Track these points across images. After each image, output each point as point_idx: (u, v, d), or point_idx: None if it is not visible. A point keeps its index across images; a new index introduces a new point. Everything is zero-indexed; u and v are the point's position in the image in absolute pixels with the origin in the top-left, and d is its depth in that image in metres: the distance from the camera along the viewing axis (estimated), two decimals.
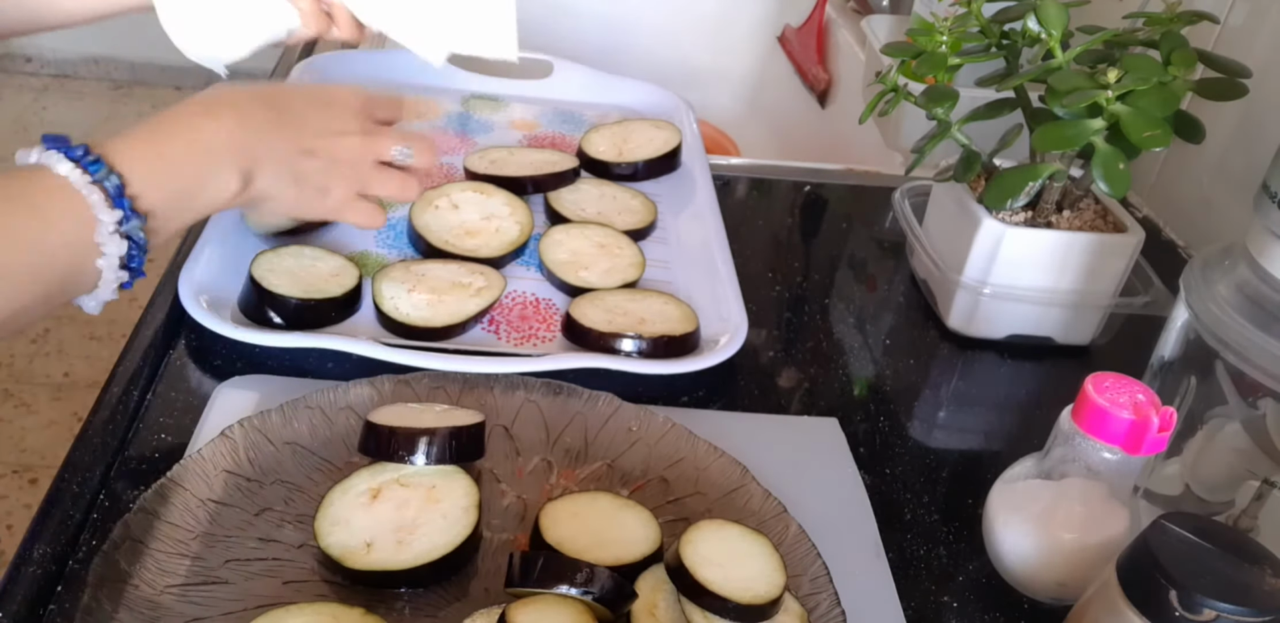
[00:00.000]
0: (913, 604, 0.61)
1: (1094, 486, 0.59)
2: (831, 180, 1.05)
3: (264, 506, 0.60)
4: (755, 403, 0.75)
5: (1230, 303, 0.59)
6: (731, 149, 1.44)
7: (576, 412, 0.69)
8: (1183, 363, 0.63)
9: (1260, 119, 0.91)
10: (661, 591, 0.55)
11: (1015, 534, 0.61)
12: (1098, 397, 0.55)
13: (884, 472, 0.70)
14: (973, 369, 0.82)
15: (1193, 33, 0.75)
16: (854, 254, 0.96)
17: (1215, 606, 0.47)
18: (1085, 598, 0.54)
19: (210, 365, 0.72)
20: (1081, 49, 0.74)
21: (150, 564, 0.56)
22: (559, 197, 0.89)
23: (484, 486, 0.63)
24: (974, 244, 0.79)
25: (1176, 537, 0.50)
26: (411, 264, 0.79)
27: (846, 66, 1.37)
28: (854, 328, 0.85)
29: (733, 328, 0.77)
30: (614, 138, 0.98)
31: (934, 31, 0.78)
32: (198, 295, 0.73)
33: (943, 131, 0.79)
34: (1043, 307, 0.81)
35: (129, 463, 0.64)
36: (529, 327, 0.77)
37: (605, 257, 0.83)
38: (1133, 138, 0.68)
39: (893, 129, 1.11)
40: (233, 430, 0.63)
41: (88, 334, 2.19)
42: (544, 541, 0.56)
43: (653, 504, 0.62)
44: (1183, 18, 0.74)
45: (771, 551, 0.56)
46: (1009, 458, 0.64)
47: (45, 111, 2.99)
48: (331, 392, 0.67)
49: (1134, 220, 0.81)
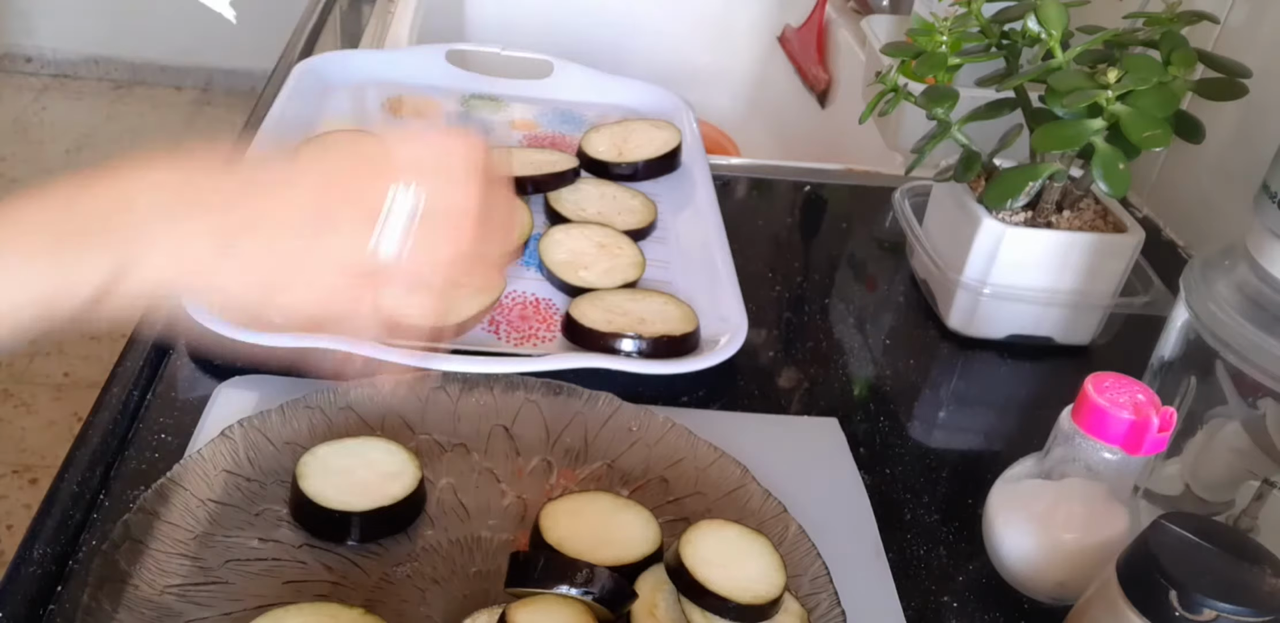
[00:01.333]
0: (913, 604, 0.61)
1: (1094, 486, 0.59)
2: (831, 180, 1.05)
3: (264, 506, 0.60)
4: (755, 403, 0.75)
5: (1230, 303, 0.59)
6: (731, 149, 1.44)
7: (576, 412, 0.69)
8: (1183, 363, 0.63)
9: (1260, 119, 0.91)
10: (661, 591, 0.55)
11: (1015, 534, 0.61)
12: (1098, 397, 0.55)
13: (884, 472, 0.70)
14: (973, 369, 0.82)
15: (1193, 33, 0.75)
16: (854, 254, 0.96)
17: (1215, 606, 0.47)
18: (1085, 598, 0.54)
19: (210, 365, 0.72)
20: (1081, 49, 0.74)
21: (150, 564, 0.55)
22: (559, 197, 0.89)
23: (484, 486, 0.64)
24: (974, 244, 0.79)
25: (1176, 537, 0.50)
26: None
27: (846, 66, 1.37)
28: (854, 328, 0.85)
29: (733, 328, 0.77)
30: (614, 138, 0.98)
31: (934, 31, 0.78)
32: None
33: (943, 131, 0.79)
34: (1043, 307, 0.81)
35: (129, 463, 0.64)
36: (529, 327, 0.77)
37: (605, 257, 0.83)
38: (1133, 138, 0.68)
39: (893, 129, 1.11)
40: (233, 430, 0.63)
41: (88, 334, 2.19)
42: (544, 541, 0.56)
43: (653, 504, 0.62)
44: (1183, 18, 0.74)
45: (771, 551, 0.56)
46: (1009, 458, 0.64)
47: (45, 112, 2.98)
48: (331, 392, 0.67)
49: (1134, 220, 0.81)
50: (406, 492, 0.59)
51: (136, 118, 3.00)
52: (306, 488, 0.58)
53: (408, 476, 0.60)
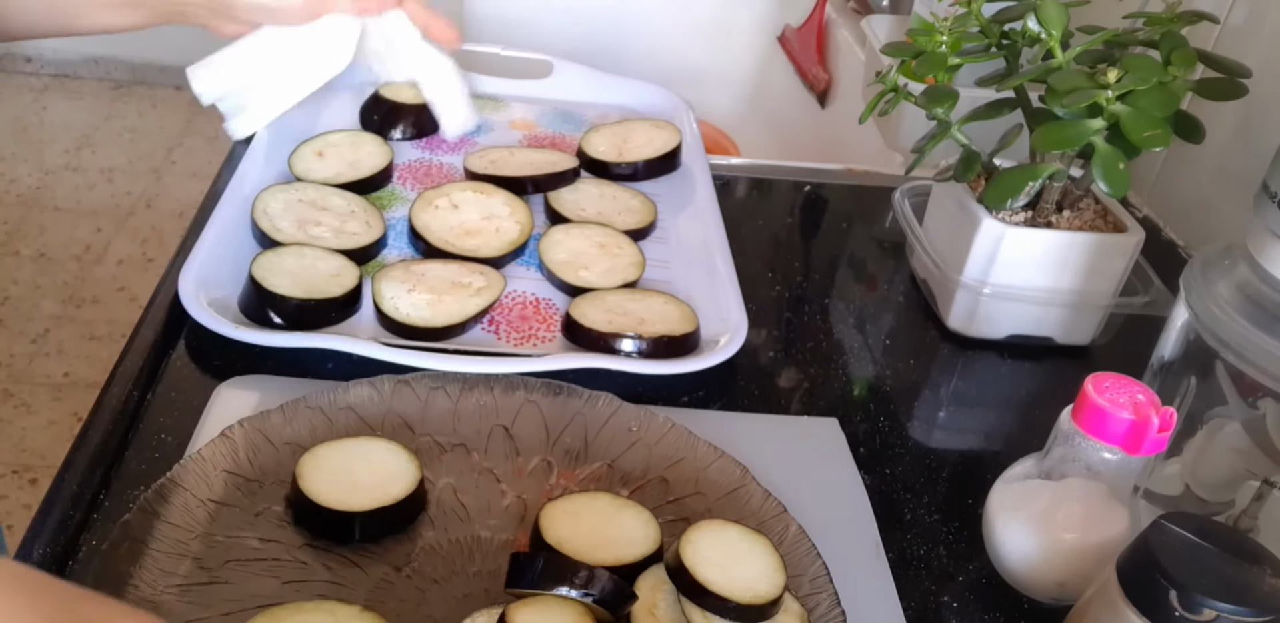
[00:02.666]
0: (913, 604, 0.61)
1: (1094, 486, 0.59)
2: (831, 180, 1.05)
3: (264, 506, 0.60)
4: (755, 403, 0.75)
5: (1230, 303, 0.59)
6: (731, 149, 1.44)
7: (576, 412, 0.69)
8: (1183, 363, 0.63)
9: (1260, 119, 0.91)
10: (661, 591, 0.55)
11: (1015, 534, 0.61)
12: (1098, 397, 0.55)
13: (884, 472, 0.70)
14: (973, 369, 0.82)
15: (1193, 33, 0.75)
16: (854, 254, 0.96)
17: (1215, 606, 0.47)
18: (1085, 598, 0.54)
19: (210, 365, 0.72)
20: (1081, 49, 0.74)
21: (150, 564, 0.56)
22: (559, 197, 0.89)
23: (484, 486, 0.64)
24: (974, 244, 0.79)
25: (1176, 537, 0.50)
26: (411, 264, 0.79)
27: (846, 66, 1.37)
28: (854, 328, 0.85)
29: (733, 328, 0.77)
30: (614, 138, 0.98)
31: (934, 31, 0.78)
32: (198, 295, 0.73)
33: (943, 131, 0.79)
34: (1043, 307, 0.81)
35: (129, 463, 0.64)
36: (529, 327, 0.77)
37: (605, 257, 0.83)
38: (1133, 138, 0.68)
39: (893, 129, 1.11)
40: (233, 430, 0.63)
41: (88, 334, 2.19)
42: (544, 541, 0.56)
43: (653, 504, 0.62)
44: (1183, 18, 0.74)
45: (771, 551, 0.56)
46: (1009, 458, 0.64)
47: (45, 111, 2.98)
48: (331, 392, 0.67)
49: (1134, 220, 0.81)
50: (406, 492, 0.59)
51: (136, 118, 3.00)
52: (306, 488, 0.58)
53: (408, 476, 0.60)
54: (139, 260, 2.43)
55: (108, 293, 2.32)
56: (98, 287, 2.33)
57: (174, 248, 0.81)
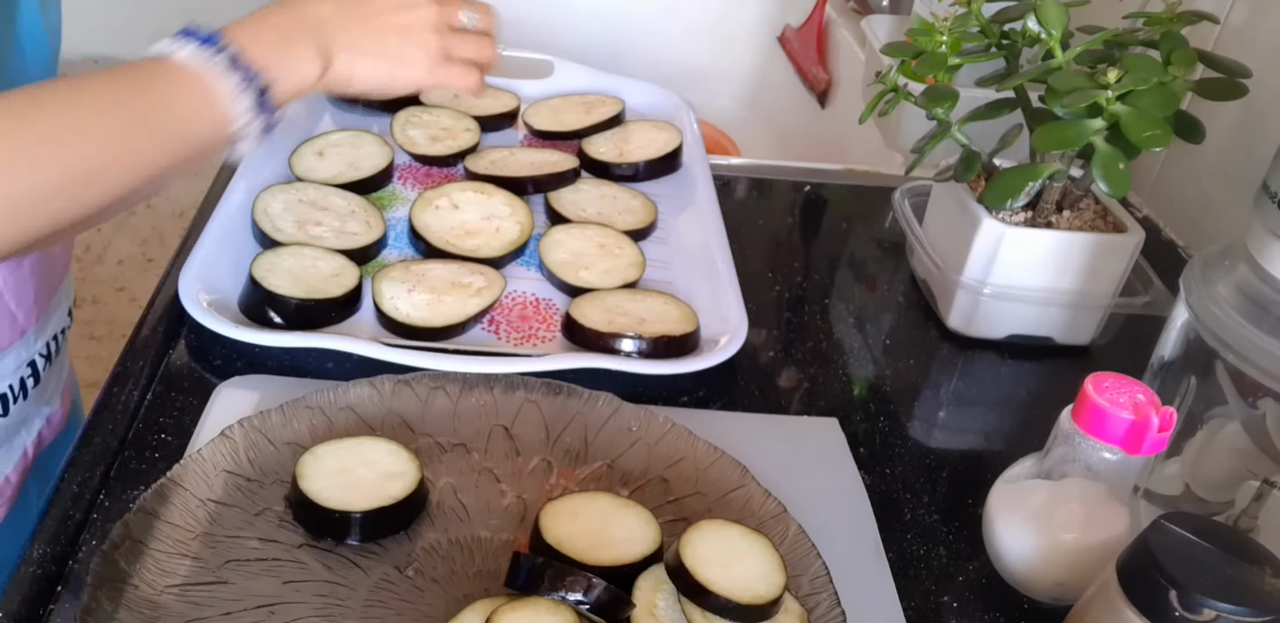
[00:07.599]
0: (913, 604, 0.61)
1: (1094, 486, 0.59)
2: (831, 180, 1.05)
3: (264, 506, 0.60)
4: (755, 403, 0.75)
5: (1230, 303, 0.59)
6: (731, 149, 1.44)
7: (576, 412, 0.69)
8: (1183, 363, 0.63)
9: (1260, 119, 0.91)
10: (661, 591, 0.55)
11: (1015, 534, 0.61)
12: (1098, 397, 0.55)
13: (884, 472, 0.70)
14: (973, 369, 0.82)
15: (1193, 33, 0.75)
16: (854, 254, 0.96)
17: (1215, 606, 0.47)
18: (1085, 598, 0.54)
19: (210, 365, 0.72)
20: (1081, 49, 0.74)
21: (150, 564, 0.56)
22: (559, 197, 0.89)
23: (484, 486, 0.64)
24: (974, 244, 0.79)
25: (1176, 537, 0.50)
26: (411, 264, 0.79)
27: (846, 66, 1.37)
28: (854, 328, 0.85)
29: (733, 328, 0.77)
30: (614, 138, 0.98)
31: (934, 31, 0.78)
32: (198, 295, 0.73)
33: (943, 131, 0.79)
34: (1043, 307, 0.81)
35: (129, 463, 0.64)
36: (529, 327, 0.77)
37: (605, 257, 0.83)
38: (1133, 138, 0.68)
39: (893, 129, 1.11)
40: (233, 430, 0.63)
41: (88, 334, 2.19)
42: (544, 541, 0.56)
43: (653, 504, 0.62)
44: (1183, 18, 0.74)
45: (771, 551, 0.56)
46: (1009, 458, 0.64)
47: None
48: (331, 392, 0.67)
49: (1134, 220, 0.81)
50: (406, 492, 0.59)
51: None
52: (306, 488, 0.58)
53: (408, 476, 0.60)
54: (139, 260, 2.43)
55: (108, 293, 2.32)
56: (98, 287, 2.33)
57: (174, 248, 0.81)
